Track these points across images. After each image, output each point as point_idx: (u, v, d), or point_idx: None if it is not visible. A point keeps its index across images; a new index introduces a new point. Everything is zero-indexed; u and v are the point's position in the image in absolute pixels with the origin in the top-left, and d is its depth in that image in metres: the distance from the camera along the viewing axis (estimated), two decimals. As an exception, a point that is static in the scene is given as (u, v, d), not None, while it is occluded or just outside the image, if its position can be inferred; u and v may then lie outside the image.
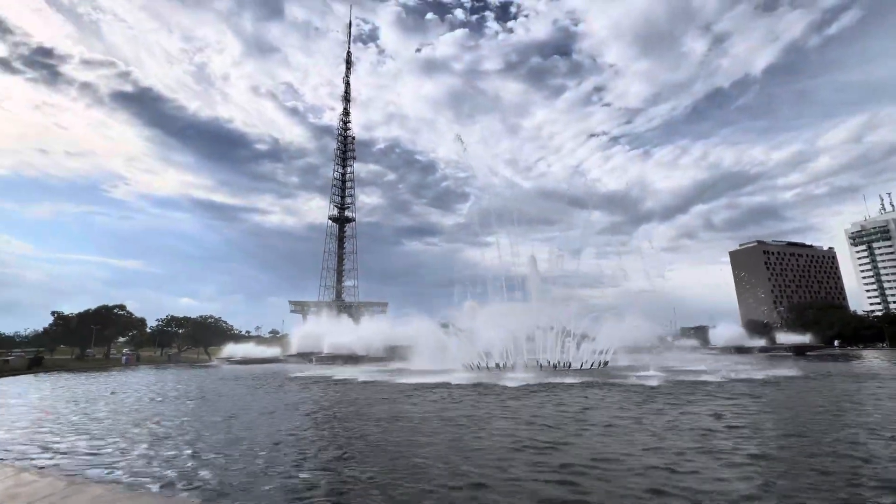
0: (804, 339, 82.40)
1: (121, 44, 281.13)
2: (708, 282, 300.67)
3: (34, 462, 9.29)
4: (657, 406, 17.26)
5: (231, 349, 79.75)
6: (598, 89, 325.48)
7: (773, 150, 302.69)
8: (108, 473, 8.44)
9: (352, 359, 67.92)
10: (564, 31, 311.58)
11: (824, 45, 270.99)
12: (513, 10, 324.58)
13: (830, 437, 11.23)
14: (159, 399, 23.52)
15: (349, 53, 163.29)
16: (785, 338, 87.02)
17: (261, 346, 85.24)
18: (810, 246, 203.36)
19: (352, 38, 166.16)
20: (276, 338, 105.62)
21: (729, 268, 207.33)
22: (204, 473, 8.39)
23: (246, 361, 74.20)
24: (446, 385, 27.49)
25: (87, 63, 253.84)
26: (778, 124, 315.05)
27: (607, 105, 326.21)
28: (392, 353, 73.69)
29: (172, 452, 10.44)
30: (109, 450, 10.77)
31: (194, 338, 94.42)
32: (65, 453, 10.41)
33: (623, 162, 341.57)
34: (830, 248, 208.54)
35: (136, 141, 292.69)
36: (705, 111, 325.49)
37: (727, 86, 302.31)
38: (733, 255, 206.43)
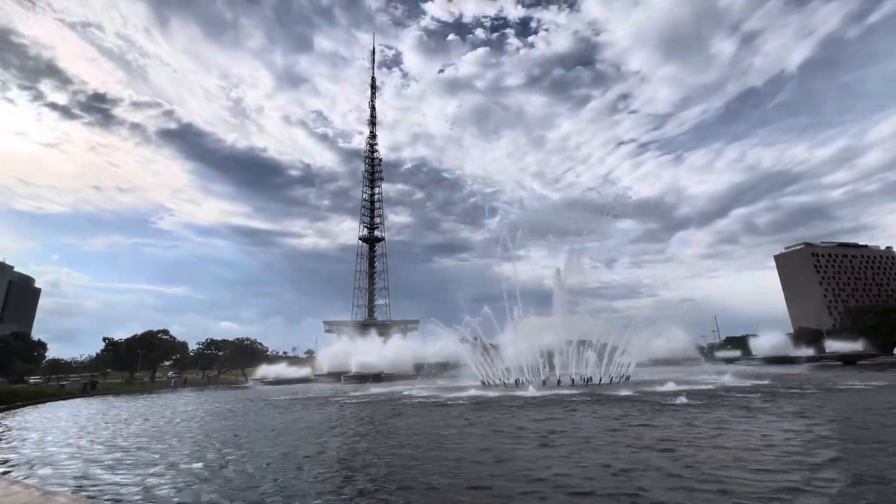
0: (856, 346, 76.85)
1: (165, 85, 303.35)
2: (754, 288, 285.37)
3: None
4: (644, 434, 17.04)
5: (264, 370, 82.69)
6: (624, 97, 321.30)
7: (816, 147, 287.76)
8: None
9: (377, 377, 68.91)
10: (586, 42, 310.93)
11: (866, 36, 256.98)
12: (532, 25, 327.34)
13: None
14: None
15: (373, 79, 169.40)
16: (835, 346, 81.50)
17: (293, 366, 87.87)
18: (865, 246, 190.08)
19: (376, 64, 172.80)
20: (308, 358, 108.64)
21: (775, 273, 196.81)
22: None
23: (278, 382, 76.65)
24: (441, 404, 27.80)
25: (135, 105, 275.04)
26: (820, 120, 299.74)
27: (634, 112, 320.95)
28: (418, 370, 74.37)
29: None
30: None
31: (232, 360, 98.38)
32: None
33: (655, 168, 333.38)
34: (888, 247, 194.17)
35: (179, 174, 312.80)
36: (739, 112, 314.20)
37: (761, 84, 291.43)
38: (779, 259, 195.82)
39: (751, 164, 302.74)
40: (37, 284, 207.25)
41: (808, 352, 79.06)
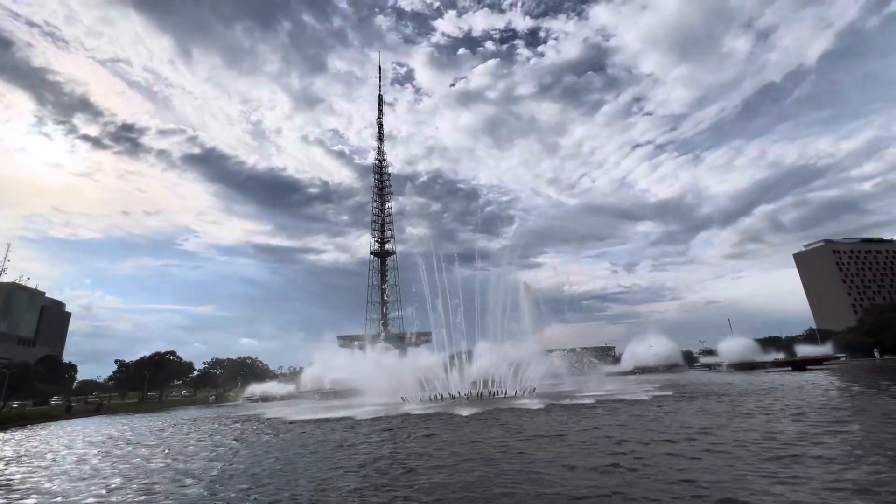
0: (825, 350, 76.14)
1: (189, 112, 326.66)
2: (781, 288, 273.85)
3: None
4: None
5: (252, 388, 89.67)
6: (638, 99, 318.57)
7: (841, 140, 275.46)
8: None
9: (339, 394, 73.52)
10: (596, 48, 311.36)
11: (886, 24, 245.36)
12: (541, 34, 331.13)
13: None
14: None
15: (380, 97, 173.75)
16: (807, 350, 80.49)
17: (281, 383, 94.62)
18: (890, 240, 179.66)
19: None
20: (296, 375, 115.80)
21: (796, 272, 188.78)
22: None
23: (265, 399, 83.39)
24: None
25: (161, 132, 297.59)
26: (844, 112, 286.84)
27: (649, 114, 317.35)
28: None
29: None
30: None
31: (234, 378, 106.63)
32: None
33: (672, 169, 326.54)
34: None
35: (203, 196, 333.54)
36: (758, 108, 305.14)
37: (779, 80, 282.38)
38: (799, 257, 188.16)
39: (773, 160, 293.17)
40: (71, 308, 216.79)
41: (777, 356, 78.20)
